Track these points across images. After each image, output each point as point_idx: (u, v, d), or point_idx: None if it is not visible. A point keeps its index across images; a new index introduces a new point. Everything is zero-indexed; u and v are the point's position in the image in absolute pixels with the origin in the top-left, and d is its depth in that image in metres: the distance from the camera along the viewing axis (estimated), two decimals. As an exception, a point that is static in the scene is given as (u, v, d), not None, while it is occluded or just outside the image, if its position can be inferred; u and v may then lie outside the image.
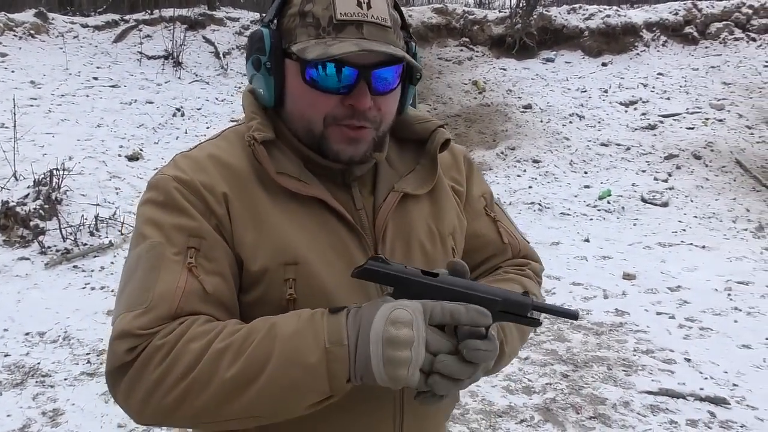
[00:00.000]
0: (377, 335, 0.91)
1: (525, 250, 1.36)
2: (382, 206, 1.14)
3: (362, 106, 1.05)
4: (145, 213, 1.07)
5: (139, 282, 1.00)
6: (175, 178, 1.07)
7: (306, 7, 1.05)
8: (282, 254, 1.05)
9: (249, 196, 1.08)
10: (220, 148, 1.13)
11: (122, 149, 8.36)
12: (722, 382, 4.11)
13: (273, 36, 1.08)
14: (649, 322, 5.09)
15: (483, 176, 1.39)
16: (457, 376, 0.93)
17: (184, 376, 0.92)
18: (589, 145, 9.92)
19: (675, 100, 11.06)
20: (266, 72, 1.08)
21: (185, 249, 1.02)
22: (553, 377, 4.17)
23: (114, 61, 11.05)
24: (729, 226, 7.62)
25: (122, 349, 0.95)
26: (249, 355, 0.92)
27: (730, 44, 12.56)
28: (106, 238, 6.15)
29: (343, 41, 1.01)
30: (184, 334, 0.95)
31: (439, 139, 1.21)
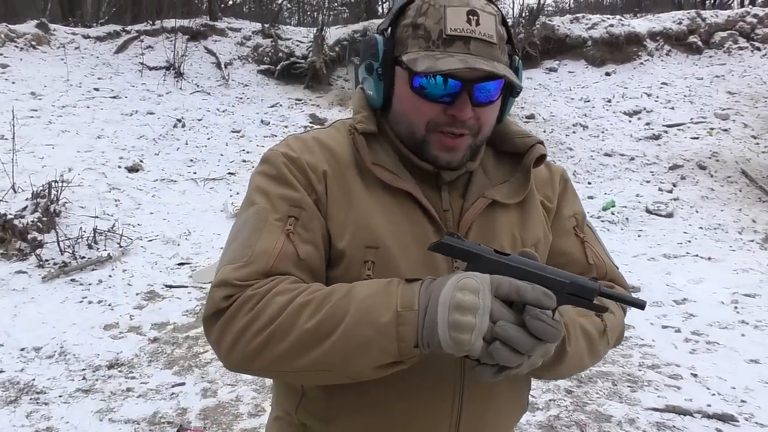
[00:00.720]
0: (445, 300, 0.94)
1: (612, 274, 1.33)
2: (469, 209, 1.19)
3: (463, 117, 1.11)
4: (256, 182, 1.18)
5: (243, 240, 1.11)
6: (285, 154, 1.18)
7: (419, 20, 1.12)
8: (365, 236, 1.13)
9: (346, 179, 1.17)
10: (328, 134, 1.24)
11: (122, 160, 8.31)
12: (730, 399, 4.01)
13: (386, 44, 1.16)
14: (655, 335, 5.01)
15: (578, 197, 1.41)
16: (516, 344, 0.93)
17: (268, 325, 1.01)
18: (592, 156, 9.85)
19: (679, 109, 10.99)
20: (377, 77, 1.17)
21: (286, 217, 1.12)
22: (556, 393, 4.08)
23: (115, 72, 11.03)
24: (735, 237, 7.53)
25: (220, 296, 1.06)
26: (327, 310, 1.00)
27: (734, 53, 12.51)
28: (104, 251, 6.09)
29: (451, 56, 1.07)
30: (273, 288, 1.04)
31: (535, 154, 1.25)
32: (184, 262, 6.29)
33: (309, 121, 10.78)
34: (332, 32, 12.81)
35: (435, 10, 1.10)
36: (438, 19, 1.09)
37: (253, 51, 12.52)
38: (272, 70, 12.10)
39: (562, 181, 1.36)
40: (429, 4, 1.11)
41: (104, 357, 4.44)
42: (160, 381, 4.15)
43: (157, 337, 4.80)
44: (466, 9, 1.09)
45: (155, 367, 4.35)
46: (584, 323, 1.17)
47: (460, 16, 1.08)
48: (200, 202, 7.84)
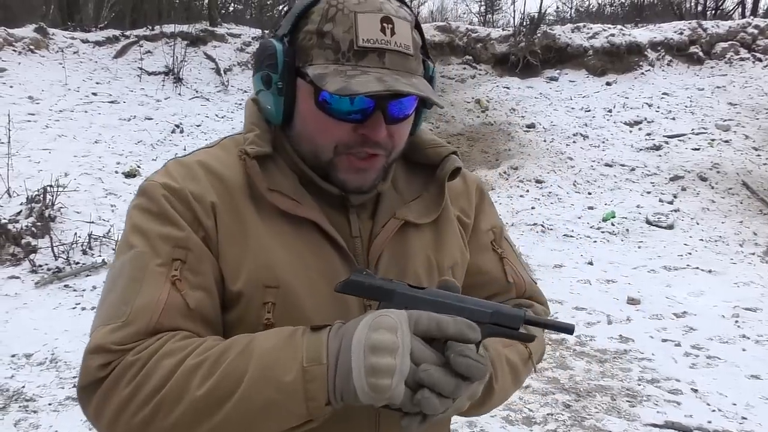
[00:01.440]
0: (359, 342, 0.84)
1: (531, 291, 1.26)
2: (379, 233, 1.08)
3: (376, 137, 0.99)
4: (133, 219, 1.02)
5: (120, 293, 0.95)
6: (164, 185, 1.02)
7: (325, 27, 0.98)
8: (264, 275, 0.99)
9: (238, 210, 1.02)
10: (215, 156, 1.08)
11: (119, 166, 8.27)
12: (730, 415, 3.95)
13: (286, 54, 1.01)
14: (655, 349, 4.94)
15: (495, 208, 1.31)
16: (443, 389, 0.84)
17: (154, 394, 0.87)
18: (593, 166, 9.80)
19: (680, 120, 10.95)
20: (276, 91, 1.02)
21: (170, 261, 0.97)
22: (554, 407, 4.02)
23: (114, 76, 11.00)
24: (736, 249, 7.48)
25: (95, 364, 0.91)
26: (223, 371, 0.87)
27: (735, 64, 12.48)
28: (99, 257, 6.03)
29: (365, 73, 0.94)
30: (159, 350, 0.90)
31: (449, 166, 1.14)
32: (179, 269, 6.23)
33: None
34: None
35: (344, 16, 0.96)
36: (348, 27, 0.96)
37: (253, 57, 12.49)
38: (272, 76, 12.06)
39: (479, 193, 1.26)
40: (337, 9, 0.97)
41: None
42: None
43: (149, 346, 4.73)
44: (379, 16, 0.96)
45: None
46: (509, 354, 1.10)
47: (374, 24, 0.95)
48: (197, 209, 7.78)
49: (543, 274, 6.57)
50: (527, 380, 4.27)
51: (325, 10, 0.98)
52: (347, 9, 0.96)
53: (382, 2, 0.98)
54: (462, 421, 3.80)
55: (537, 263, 6.84)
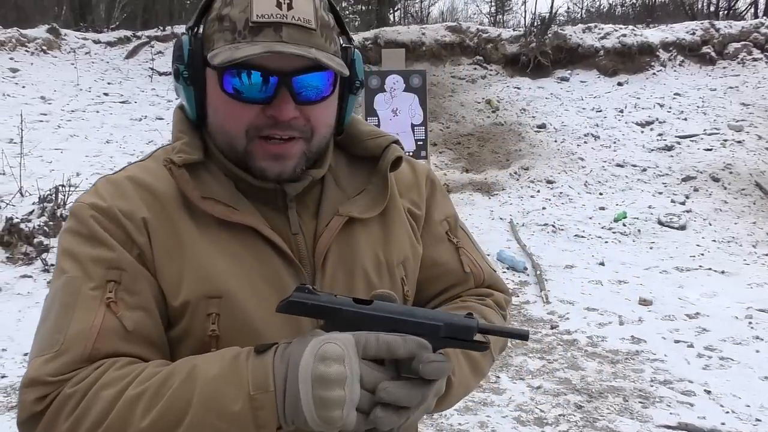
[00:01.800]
0: (306, 374, 0.82)
1: (490, 280, 1.23)
2: (324, 232, 1.04)
3: (284, 117, 0.96)
4: (63, 244, 0.98)
5: (52, 322, 0.91)
6: (92, 205, 0.99)
7: (224, 11, 0.97)
8: (205, 286, 0.96)
9: (172, 222, 0.99)
10: (146, 169, 1.04)
11: (130, 166, 8.29)
12: (744, 417, 3.91)
13: (192, 43, 1.00)
14: (667, 350, 4.91)
15: (448, 197, 1.27)
16: (406, 402, 0.84)
17: (95, 427, 0.84)
18: (604, 166, 9.75)
19: (692, 120, 10.88)
20: (184, 82, 1.00)
21: (104, 283, 0.93)
22: (566, 408, 3.99)
23: (125, 77, 11.05)
24: (749, 250, 7.41)
25: (31, 398, 0.87)
26: (166, 402, 0.84)
27: (748, 64, 12.39)
28: (110, 256, 6.05)
29: (255, 44, 0.93)
30: (98, 380, 0.86)
31: (390, 156, 1.10)
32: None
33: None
34: (343, 40, 12.78)
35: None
36: (244, 7, 0.94)
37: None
38: (282, 76, 12.08)
39: (429, 182, 1.22)
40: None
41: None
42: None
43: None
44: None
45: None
46: None
47: (269, 1, 0.94)
48: (208, 209, 7.81)
49: (554, 274, 6.54)
50: (539, 381, 4.27)
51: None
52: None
53: None
54: (473, 421, 3.79)
55: (548, 264, 6.81)
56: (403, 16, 25.70)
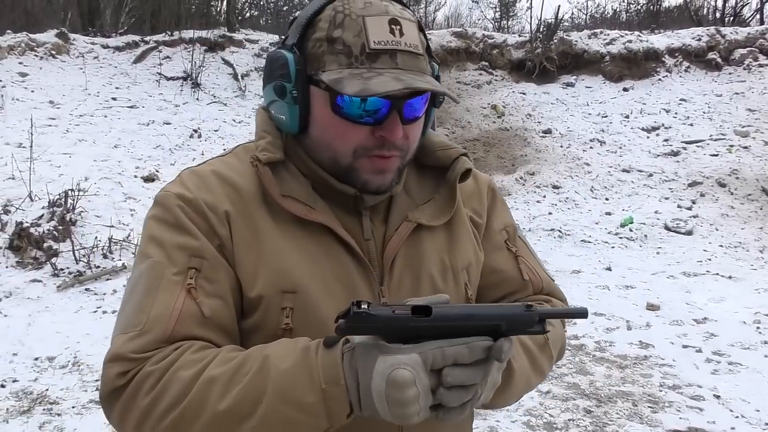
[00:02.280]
0: (380, 395, 0.85)
1: (548, 288, 1.26)
2: (393, 236, 1.09)
3: (394, 138, 1.01)
4: (149, 230, 1.04)
5: (137, 303, 0.97)
6: (179, 195, 1.04)
7: (334, 33, 0.99)
8: (281, 281, 1.01)
9: (252, 217, 1.04)
10: (228, 165, 1.10)
11: (138, 170, 8.33)
12: (754, 422, 3.92)
13: (298, 62, 1.02)
14: (675, 355, 4.91)
15: (508, 208, 1.31)
16: (471, 381, 0.87)
17: (174, 405, 0.89)
18: (610, 171, 9.76)
19: (698, 126, 10.89)
20: (291, 100, 1.03)
21: (186, 270, 0.99)
22: (575, 413, 4.00)
23: (133, 81, 11.09)
24: (756, 256, 7.41)
25: (114, 372, 0.93)
26: (242, 389, 0.89)
27: (754, 70, 12.39)
28: (119, 261, 6.08)
29: (381, 74, 0.96)
30: (175, 362, 0.92)
31: (459, 168, 1.15)
32: (199, 273, 6.27)
33: (325, 133, 10.79)
34: (349, 45, 12.84)
35: (352, 21, 0.98)
36: (358, 31, 0.97)
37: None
38: (289, 81, 12.12)
39: (490, 192, 1.27)
40: (344, 15, 0.99)
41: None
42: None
43: (170, 348, 4.76)
44: (387, 18, 0.98)
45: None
46: (522, 338, 1.09)
47: (383, 26, 0.97)
48: (215, 213, 7.84)
49: (561, 279, 6.55)
50: (548, 386, 4.28)
51: (332, 17, 0.99)
52: (354, 14, 0.98)
53: (386, 5, 1.00)
54: (483, 426, 3.80)
55: (555, 269, 6.82)
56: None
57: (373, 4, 0.99)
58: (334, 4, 1.01)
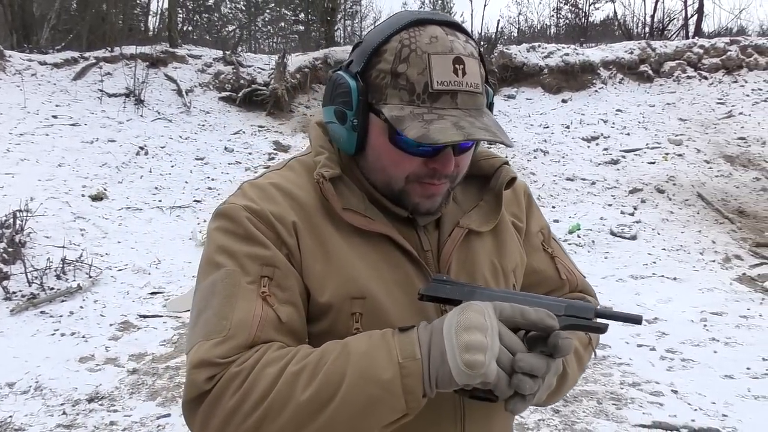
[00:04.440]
0: (450, 325, 0.91)
1: (582, 286, 1.34)
2: (446, 242, 1.14)
3: (447, 171, 1.06)
4: (218, 241, 1.06)
5: (217, 310, 1.00)
6: (246, 207, 1.07)
7: (399, 68, 1.01)
8: (350, 288, 1.05)
9: (317, 228, 1.08)
10: (287, 178, 1.13)
11: (85, 189, 8.14)
12: (712, 413, 4.11)
13: (361, 92, 1.05)
14: (632, 354, 5.11)
15: (540, 211, 1.39)
16: (538, 371, 0.91)
17: (261, 401, 0.92)
18: (555, 180, 10.05)
19: (635, 135, 11.33)
20: (351, 127, 1.07)
21: (259, 278, 1.02)
22: (544, 413, 4.12)
23: (74, 99, 10.82)
24: (697, 258, 7.76)
25: (202, 378, 0.95)
26: (324, 375, 0.92)
27: (683, 82, 12.98)
28: (73, 282, 5.94)
29: (443, 118, 0.98)
30: (260, 360, 0.95)
31: (504, 176, 1.21)
32: (157, 292, 6.17)
33: (273, 148, 10.75)
34: (293, 59, 12.85)
35: (417, 57, 1.00)
36: (422, 69, 0.99)
37: (214, 78, 12.45)
38: (234, 97, 12.04)
39: (526, 197, 1.33)
40: (410, 50, 1.01)
41: (83, 390, 4.32)
42: (144, 413, 4.05)
43: (136, 369, 4.69)
44: (452, 57, 1.00)
45: (137, 399, 4.25)
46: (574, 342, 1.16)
47: (447, 66, 0.99)
48: (168, 231, 7.72)
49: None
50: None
51: (398, 50, 1.02)
52: (420, 50, 1.00)
53: (452, 40, 1.02)
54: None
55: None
56: (351, 35, 25.91)
57: (439, 39, 1.01)
58: (401, 36, 1.03)
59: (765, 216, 8.75)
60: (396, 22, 1.05)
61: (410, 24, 1.03)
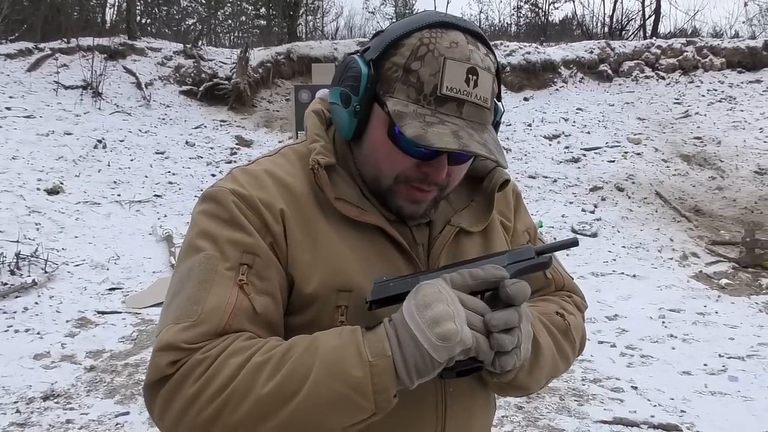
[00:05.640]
0: (410, 310, 0.90)
1: (569, 286, 1.32)
2: (438, 238, 1.13)
3: (438, 178, 1.04)
4: (201, 224, 1.03)
5: (190, 294, 0.96)
6: (233, 191, 1.04)
7: (413, 65, 1.00)
8: (337, 279, 1.02)
9: (306, 216, 1.05)
10: (279, 165, 1.10)
11: (41, 182, 7.94)
12: (670, 409, 4.18)
13: (370, 80, 1.03)
14: (593, 351, 5.16)
15: (527, 210, 1.37)
16: (512, 322, 0.92)
17: (221, 391, 0.89)
18: (517, 178, 10.14)
19: (595, 134, 11.49)
20: (353, 112, 1.05)
21: (238, 265, 0.99)
22: (507, 409, 4.14)
23: (28, 90, 10.55)
24: (656, 255, 7.90)
25: (165, 361, 0.92)
26: (289, 367, 0.89)
27: (641, 82, 13.21)
28: (28, 277, 5.78)
29: (443, 123, 0.97)
30: (226, 349, 0.91)
31: (497, 179, 1.20)
32: (116, 287, 6.05)
33: (235, 143, 10.63)
34: (256, 54, 12.71)
35: (433, 58, 0.98)
36: (435, 71, 0.97)
37: (175, 71, 12.26)
38: (195, 91, 11.88)
39: (515, 196, 1.31)
40: (428, 49, 0.99)
41: (37, 388, 4.20)
42: (101, 411, 3.96)
43: (93, 366, 4.58)
44: (467, 66, 0.98)
45: (95, 396, 4.15)
46: (543, 319, 1.15)
47: (460, 74, 0.97)
48: (127, 226, 7.57)
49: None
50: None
51: (416, 47, 1.00)
52: (438, 52, 0.98)
53: (471, 50, 0.99)
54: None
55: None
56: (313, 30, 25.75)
57: (459, 45, 0.99)
58: (422, 33, 1.01)
59: (720, 214, 8.96)
60: (421, 19, 1.03)
61: (435, 24, 1.02)
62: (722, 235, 8.34)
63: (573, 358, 1.23)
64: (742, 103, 12.21)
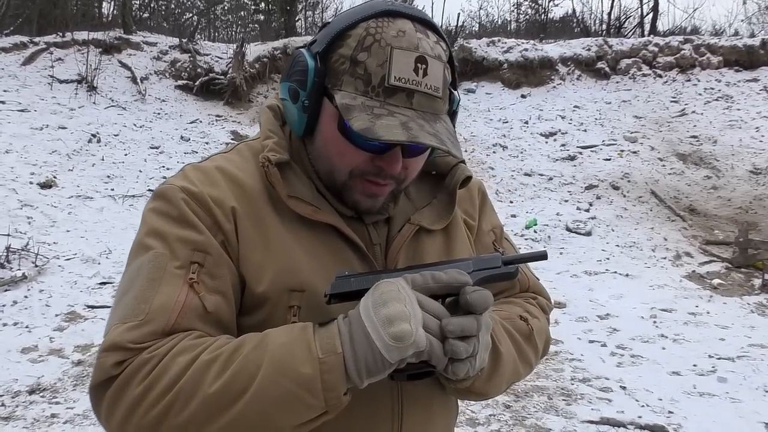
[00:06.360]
0: (366, 306, 0.88)
1: (535, 287, 1.31)
2: (396, 237, 1.11)
3: (393, 171, 1.02)
4: (150, 222, 1.01)
5: (137, 293, 0.94)
6: (183, 189, 1.02)
7: (360, 56, 0.98)
8: (288, 279, 1.00)
9: (258, 215, 1.03)
10: (232, 162, 1.08)
11: (34, 176, 7.92)
12: (658, 410, 4.17)
13: (317, 73, 1.01)
14: (583, 350, 5.16)
15: (494, 210, 1.35)
16: (469, 330, 0.90)
17: (167, 391, 0.87)
18: (513, 175, 10.12)
19: (591, 132, 11.47)
20: (302, 108, 1.03)
21: (188, 263, 0.97)
22: (495, 408, 4.13)
23: (23, 84, 10.51)
24: (649, 254, 7.89)
25: (111, 362, 0.90)
26: (238, 365, 0.87)
27: (639, 80, 13.17)
28: (18, 271, 5.76)
29: (392, 114, 0.94)
30: (173, 348, 0.90)
31: (459, 175, 1.18)
32: (107, 282, 6.03)
33: (231, 138, 10.61)
34: (252, 49, 12.68)
35: (380, 48, 0.96)
36: (382, 61, 0.95)
37: (171, 66, 12.22)
38: (190, 85, 11.85)
39: (481, 195, 1.30)
40: (374, 39, 0.97)
41: (24, 382, 4.19)
42: (87, 406, 3.94)
43: (81, 360, 4.57)
44: (415, 55, 0.96)
45: (81, 391, 4.13)
46: (506, 324, 1.14)
47: (408, 63, 0.95)
48: (120, 220, 7.55)
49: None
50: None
51: (362, 38, 0.98)
52: (384, 41, 0.96)
53: (420, 38, 0.97)
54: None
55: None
56: (311, 26, 25.70)
57: (406, 34, 0.97)
58: (368, 23, 0.99)
59: (714, 214, 8.95)
60: (367, 8, 1.01)
61: (381, 13, 0.99)
62: (716, 234, 8.34)
63: (536, 362, 1.22)
64: (738, 102, 12.19)
